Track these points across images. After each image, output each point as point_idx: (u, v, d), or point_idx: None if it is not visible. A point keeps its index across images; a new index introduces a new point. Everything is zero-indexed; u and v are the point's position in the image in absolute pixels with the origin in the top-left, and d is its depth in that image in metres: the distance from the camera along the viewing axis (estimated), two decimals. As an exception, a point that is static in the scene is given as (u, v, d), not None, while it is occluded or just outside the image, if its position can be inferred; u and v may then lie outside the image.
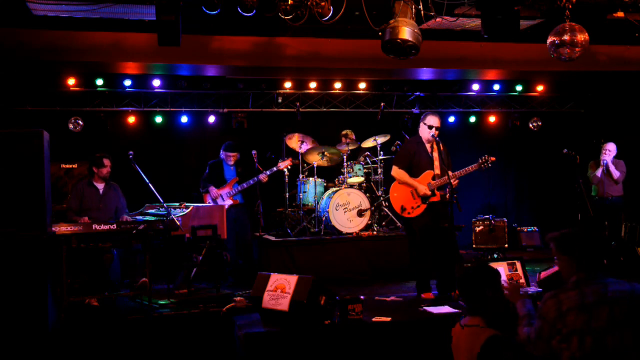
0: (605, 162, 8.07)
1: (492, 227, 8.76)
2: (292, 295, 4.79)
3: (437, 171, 6.09)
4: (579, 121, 10.31)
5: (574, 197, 7.62)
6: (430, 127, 6.08)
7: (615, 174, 8.08)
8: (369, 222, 7.96)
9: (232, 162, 7.68)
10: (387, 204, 8.26)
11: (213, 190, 7.53)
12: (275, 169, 7.69)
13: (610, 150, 8.13)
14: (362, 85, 9.44)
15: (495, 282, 3.42)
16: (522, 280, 5.84)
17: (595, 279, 3.03)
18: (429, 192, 6.02)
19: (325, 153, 8.15)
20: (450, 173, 5.90)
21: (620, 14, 6.18)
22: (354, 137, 8.60)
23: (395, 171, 6.21)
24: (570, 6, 5.52)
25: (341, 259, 7.46)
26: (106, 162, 6.80)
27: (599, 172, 8.15)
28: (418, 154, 6.17)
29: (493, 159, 6.08)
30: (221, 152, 7.75)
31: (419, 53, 5.59)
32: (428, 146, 6.17)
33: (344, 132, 8.67)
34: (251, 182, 7.52)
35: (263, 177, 7.50)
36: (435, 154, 6.10)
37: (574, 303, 2.97)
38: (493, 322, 3.25)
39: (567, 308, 2.96)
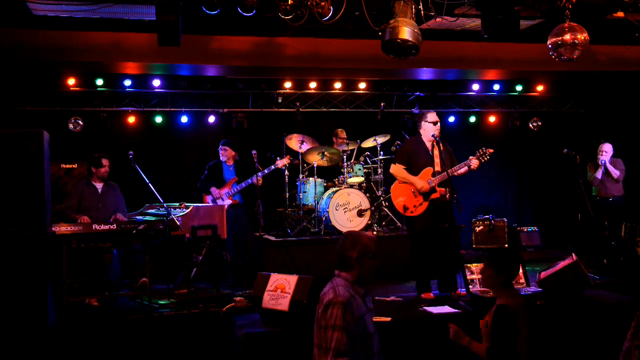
0: (603, 161, 8.06)
1: (492, 227, 8.75)
2: (292, 295, 4.79)
3: (438, 168, 6.09)
4: (579, 121, 10.30)
5: (574, 197, 7.62)
6: (435, 123, 6.13)
7: (615, 173, 8.07)
8: (369, 222, 7.95)
9: (226, 158, 7.69)
10: (387, 204, 8.25)
11: (215, 190, 7.54)
12: (273, 167, 7.69)
13: (606, 151, 8.12)
14: (362, 85, 9.44)
15: None
16: (522, 280, 5.85)
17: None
18: (428, 187, 6.03)
19: (325, 153, 8.14)
20: (449, 170, 5.92)
21: (620, 14, 6.18)
22: (344, 135, 8.58)
23: (394, 168, 6.23)
24: (570, 6, 5.51)
25: (341, 259, 7.43)
26: (104, 162, 6.81)
27: (598, 174, 8.12)
28: (417, 152, 6.18)
29: (491, 150, 6.11)
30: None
31: (419, 53, 5.59)
32: (428, 145, 6.18)
33: (334, 132, 8.67)
34: (249, 181, 7.53)
35: (257, 178, 7.50)
36: (436, 152, 6.11)
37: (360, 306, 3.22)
38: None
39: (359, 314, 3.19)
